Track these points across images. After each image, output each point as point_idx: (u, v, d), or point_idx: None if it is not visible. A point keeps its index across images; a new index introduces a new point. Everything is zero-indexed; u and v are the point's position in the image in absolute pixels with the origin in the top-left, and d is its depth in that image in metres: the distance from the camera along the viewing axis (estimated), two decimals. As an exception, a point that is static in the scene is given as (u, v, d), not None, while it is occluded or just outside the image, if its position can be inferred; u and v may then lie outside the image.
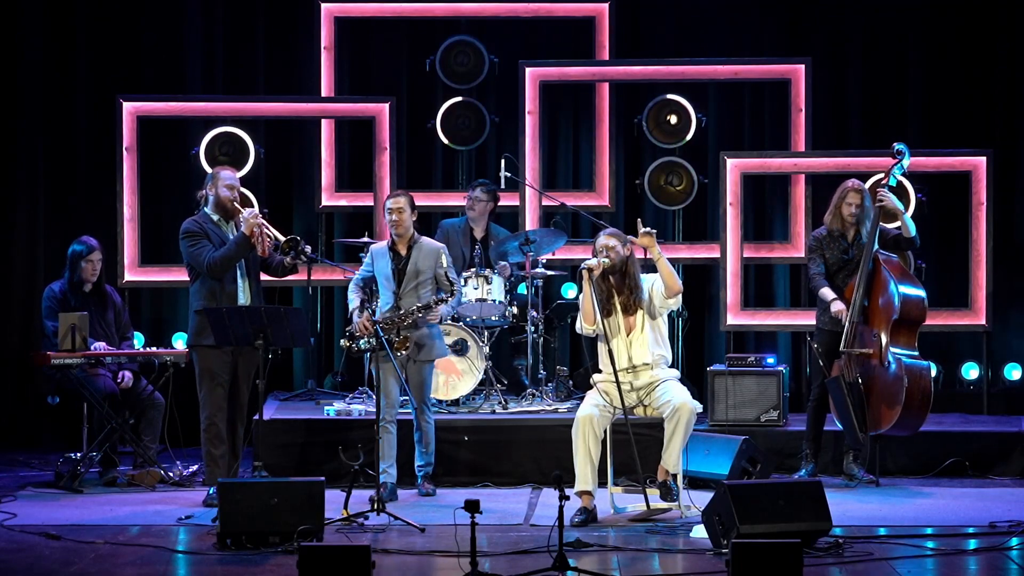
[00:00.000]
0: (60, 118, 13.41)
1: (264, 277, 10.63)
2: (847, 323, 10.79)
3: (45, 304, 11.37)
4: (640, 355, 10.01)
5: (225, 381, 10.33)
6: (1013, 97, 13.38)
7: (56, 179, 13.39)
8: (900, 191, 11.24)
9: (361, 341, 10.51)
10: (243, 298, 10.34)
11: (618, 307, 10.04)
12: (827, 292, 10.94)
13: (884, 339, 10.76)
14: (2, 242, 13.32)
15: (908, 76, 13.51)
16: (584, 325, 10.08)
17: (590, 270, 9.96)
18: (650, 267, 10.19)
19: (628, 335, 10.04)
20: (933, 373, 11.03)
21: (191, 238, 10.36)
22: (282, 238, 10.33)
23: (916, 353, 10.90)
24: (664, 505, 9.83)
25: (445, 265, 10.58)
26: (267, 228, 10.34)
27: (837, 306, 10.85)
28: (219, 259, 10.26)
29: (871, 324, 10.83)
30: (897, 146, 11.15)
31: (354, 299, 10.65)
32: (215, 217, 10.44)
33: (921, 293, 10.94)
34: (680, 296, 10.06)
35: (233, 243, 10.26)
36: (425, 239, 10.70)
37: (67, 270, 11.44)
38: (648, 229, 9.96)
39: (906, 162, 11.12)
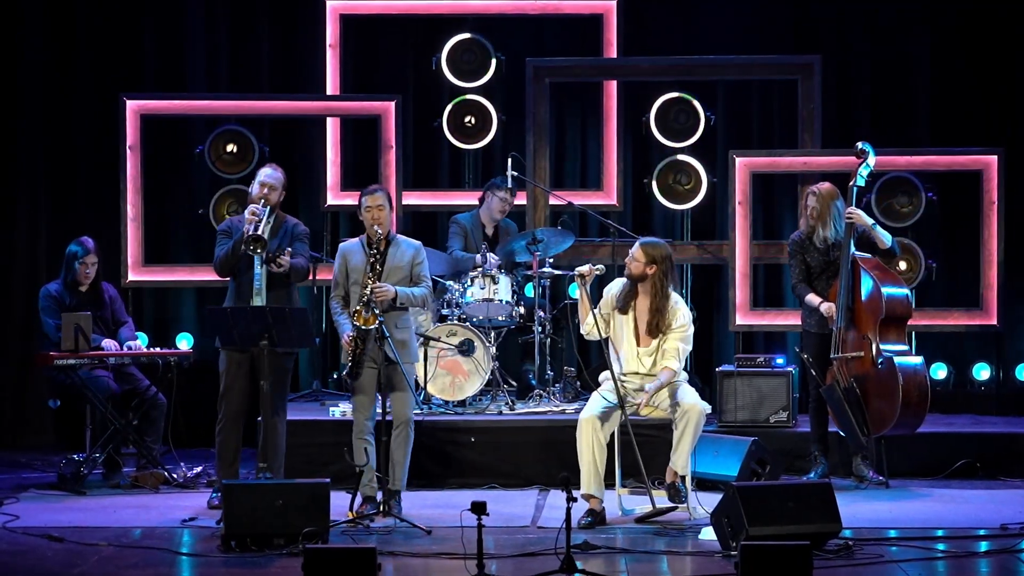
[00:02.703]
0: (61, 118, 13.38)
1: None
2: (834, 328, 10.73)
3: (42, 303, 11.30)
4: (647, 364, 9.97)
5: (240, 384, 10.23)
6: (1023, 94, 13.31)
7: (57, 179, 13.37)
8: (867, 189, 11.19)
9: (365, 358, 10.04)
10: (258, 300, 10.22)
11: (637, 313, 9.98)
12: (812, 298, 10.87)
13: (874, 340, 10.71)
14: (3, 243, 13.30)
15: (917, 73, 13.45)
16: (583, 328, 10.08)
17: (581, 276, 9.94)
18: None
19: (638, 343, 9.98)
20: (932, 371, 10.98)
21: (218, 236, 10.35)
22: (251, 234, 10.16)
23: (907, 348, 10.89)
24: (672, 506, 9.77)
25: (420, 260, 10.15)
26: (256, 224, 10.16)
27: (826, 306, 10.78)
28: (219, 258, 10.25)
29: (859, 327, 10.78)
30: (860, 145, 11.05)
31: (346, 324, 10.05)
32: None
33: (904, 290, 10.93)
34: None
35: (231, 241, 10.19)
36: (402, 236, 10.32)
37: (63, 270, 11.39)
38: (643, 401, 9.89)
39: (871, 160, 11.02)
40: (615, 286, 10.11)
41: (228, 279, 10.39)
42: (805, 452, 11.17)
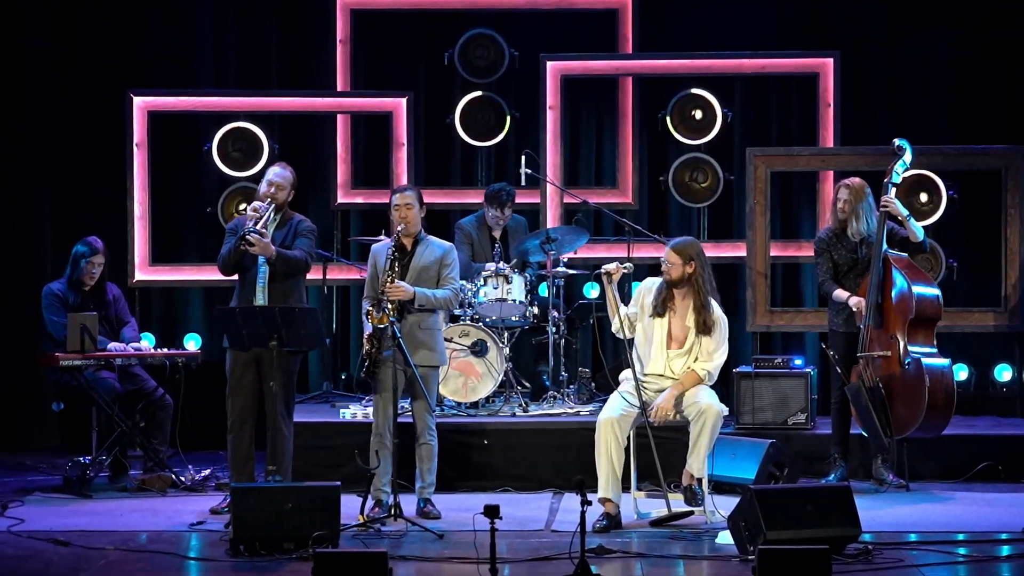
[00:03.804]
0: (66, 117, 13.34)
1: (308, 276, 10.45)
2: (862, 327, 10.64)
3: (46, 302, 11.19)
4: (676, 368, 9.87)
5: (246, 384, 10.09)
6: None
7: (61, 178, 13.32)
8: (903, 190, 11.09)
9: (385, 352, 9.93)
10: (260, 296, 10.09)
11: (674, 316, 9.87)
12: (840, 292, 10.80)
13: (902, 340, 10.63)
14: (7, 244, 13.27)
15: (938, 70, 13.37)
16: (614, 327, 9.98)
17: (608, 274, 9.86)
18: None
19: (668, 346, 9.88)
20: (955, 372, 10.91)
21: (226, 235, 10.25)
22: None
23: (935, 350, 10.78)
24: (689, 510, 9.70)
25: (449, 263, 10.11)
26: (257, 221, 10.03)
27: (855, 300, 10.70)
28: (221, 255, 10.14)
29: (887, 326, 10.69)
30: (897, 142, 10.98)
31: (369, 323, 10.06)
32: None
33: (935, 291, 10.84)
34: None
35: (235, 239, 10.05)
36: (433, 237, 10.26)
37: (68, 268, 11.29)
38: (656, 420, 9.76)
39: (908, 158, 10.95)
40: (649, 286, 9.98)
41: (234, 277, 10.27)
42: (824, 454, 11.08)
